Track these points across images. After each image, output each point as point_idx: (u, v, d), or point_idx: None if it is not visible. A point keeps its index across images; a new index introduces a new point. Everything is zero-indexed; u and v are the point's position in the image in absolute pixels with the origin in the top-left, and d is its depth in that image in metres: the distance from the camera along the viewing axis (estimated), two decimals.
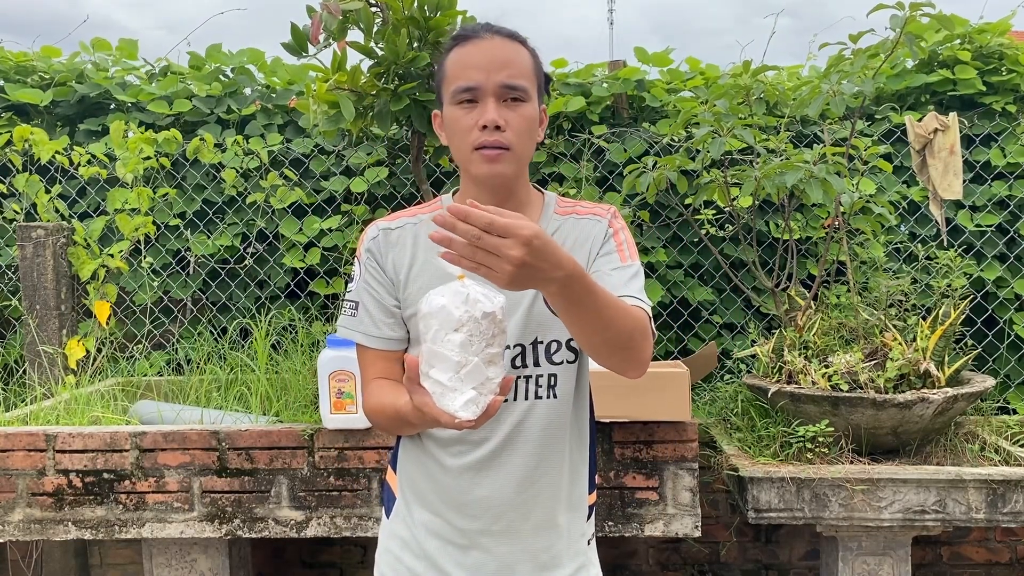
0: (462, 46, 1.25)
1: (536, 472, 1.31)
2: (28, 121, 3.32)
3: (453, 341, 1.01)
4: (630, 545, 3.06)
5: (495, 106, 1.22)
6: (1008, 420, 2.68)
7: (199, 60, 3.44)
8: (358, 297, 1.32)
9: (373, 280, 1.31)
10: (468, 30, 1.27)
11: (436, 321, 1.02)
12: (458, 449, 1.30)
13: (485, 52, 1.23)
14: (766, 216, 3.09)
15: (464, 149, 1.25)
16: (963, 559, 3.02)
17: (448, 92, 1.25)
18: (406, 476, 1.37)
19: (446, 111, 1.27)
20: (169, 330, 3.26)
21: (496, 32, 1.26)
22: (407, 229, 1.32)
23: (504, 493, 1.30)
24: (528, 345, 1.29)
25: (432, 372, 1.03)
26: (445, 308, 1.01)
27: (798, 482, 2.19)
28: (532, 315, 1.29)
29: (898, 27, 2.34)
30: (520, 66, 1.24)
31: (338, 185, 3.17)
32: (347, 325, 1.34)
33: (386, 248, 1.31)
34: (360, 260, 1.33)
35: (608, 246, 1.32)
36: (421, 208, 1.37)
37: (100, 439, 2.29)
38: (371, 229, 1.34)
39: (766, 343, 2.58)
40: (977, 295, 3.00)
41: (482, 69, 1.22)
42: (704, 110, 2.62)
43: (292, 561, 3.13)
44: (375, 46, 2.50)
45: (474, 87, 1.22)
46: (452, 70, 1.25)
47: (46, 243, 2.99)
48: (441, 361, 1.02)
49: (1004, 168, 3.04)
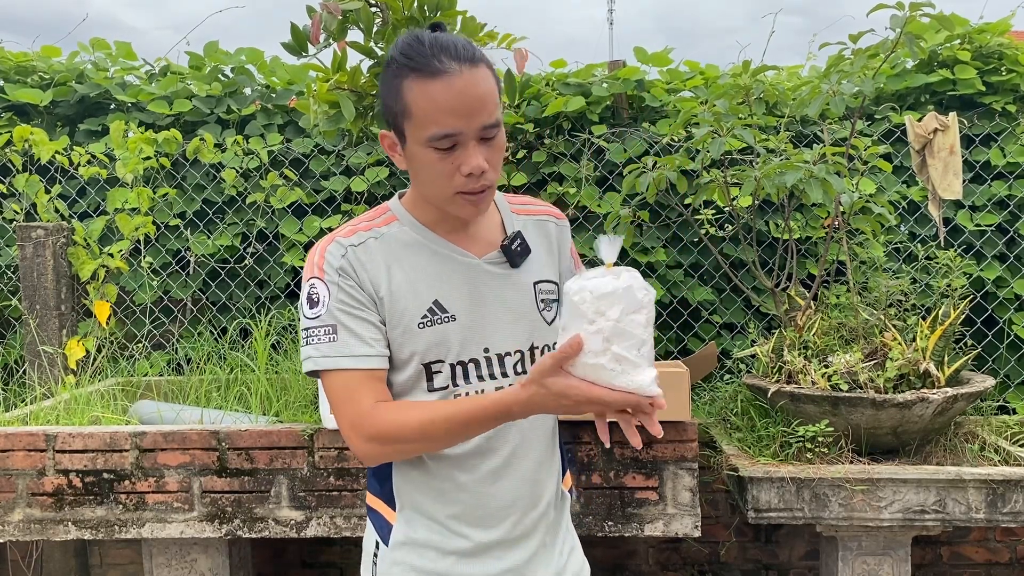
0: (428, 82, 1.12)
1: (540, 470, 1.32)
2: (28, 121, 3.32)
3: (637, 321, 1.06)
4: (630, 545, 3.06)
5: (477, 150, 1.15)
6: (1008, 420, 2.68)
7: (199, 60, 3.44)
8: (332, 320, 1.20)
9: (350, 299, 1.20)
10: (424, 57, 1.13)
11: (621, 301, 1.06)
12: (472, 463, 1.26)
13: (460, 94, 1.12)
14: (766, 216, 3.09)
15: (442, 192, 1.19)
16: (963, 559, 3.02)
17: (417, 134, 1.15)
18: (407, 500, 1.29)
19: (415, 150, 1.17)
20: (169, 330, 3.26)
21: (462, 60, 1.13)
22: (371, 245, 1.23)
23: (521, 497, 1.29)
24: (526, 351, 1.29)
25: (615, 348, 1.05)
26: (631, 289, 1.06)
27: (798, 482, 2.19)
28: (531, 322, 1.30)
29: (898, 27, 2.34)
30: (493, 97, 1.15)
31: (338, 185, 3.17)
32: (327, 353, 1.20)
33: (358, 265, 1.22)
34: (324, 280, 1.21)
35: (572, 259, 1.41)
36: (370, 219, 1.27)
37: (100, 439, 2.29)
38: (332, 247, 1.22)
39: (766, 343, 2.58)
40: (977, 295, 3.00)
41: (460, 115, 1.12)
42: (704, 110, 2.62)
43: (292, 561, 3.13)
44: (375, 46, 2.50)
45: (453, 134, 1.13)
46: (422, 111, 1.13)
47: (46, 243, 2.99)
48: (627, 339, 1.06)
49: (1004, 168, 3.04)
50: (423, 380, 1.24)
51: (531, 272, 1.31)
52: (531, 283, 1.31)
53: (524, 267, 1.31)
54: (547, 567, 1.33)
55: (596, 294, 1.06)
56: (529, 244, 1.32)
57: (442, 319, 1.23)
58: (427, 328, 1.22)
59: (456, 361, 1.24)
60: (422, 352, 1.22)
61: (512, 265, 1.29)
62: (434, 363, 1.23)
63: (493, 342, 1.26)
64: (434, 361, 1.23)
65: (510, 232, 1.32)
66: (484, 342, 1.25)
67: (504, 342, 1.27)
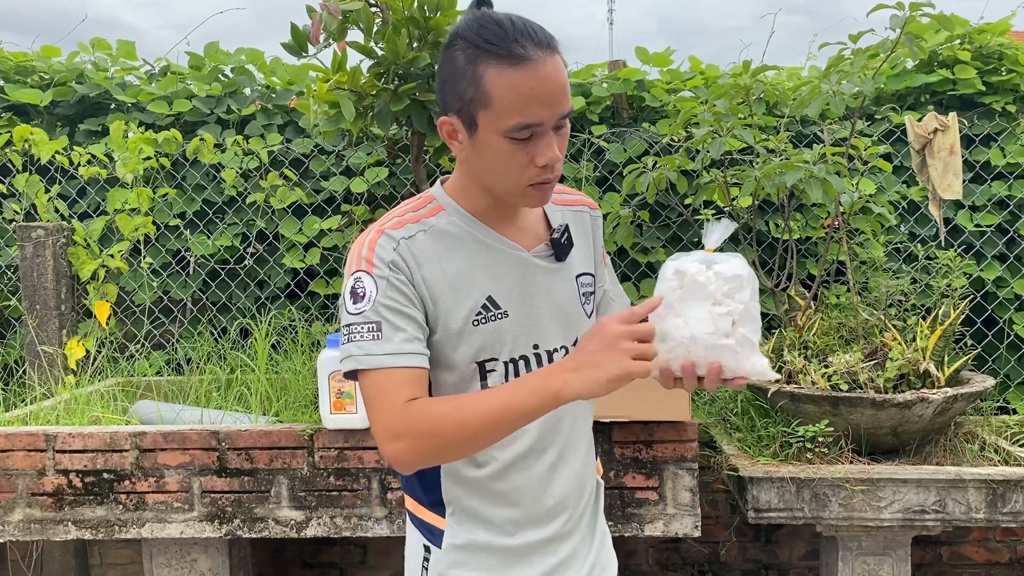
0: (513, 69, 1.06)
1: (586, 462, 1.33)
2: (28, 121, 3.32)
3: (757, 306, 1.09)
4: (630, 545, 3.05)
5: (553, 140, 1.11)
6: (1008, 420, 2.68)
7: (199, 60, 3.44)
8: (377, 316, 1.12)
9: (400, 295, 1.14)
10: (506, 42, 1.07)
11: (750, 284, 1.07)
12: (527, 463, 1.23)
13: (547, 82, 1.08)
14: (766, 216, 3.09)
15: (516, 184, 1.14)
16: (963, 559, 3.02)
17: (496, 124, 1.09)
18: (459, 506, 1.25)
19: (490, 140, 1.11)
20: (169, 330, 3.26)
21: (543, 46, 1.08)
22: (420, 239, 1.17)
23: (572, 492, 1.29)
24: (571, 347, 1.26)
25: (742, 330, 1.06)
26: (752, 275, 1.08)
27: (798, 482, 2.19)
28: (575, 316, 1.27)
29: (898, 27, 2.34)
30: (568, 85, 1.12)
31: (338, 185, 3.17)
32: (371, 351, 1.12)
33: (411, 260, 1.15)
34: (373, 274, 1.14)
35: (602, 247, 1.39)
36: (415, 210, 1.22)
37: (100, 439, 2.29)
38: (383, 239, 1.16)
39: (766, 343, 2.58)
40: (977, 295, 3.00)
41: (547, 104, 1.08)
42: (704, 110, 2.62)
43: (292, 561, 3.12)
44: (375, 46, 2.50)
45: (536, 124, 1.09)
46: (505, 100, 1.07)
47: (46, 243, 2.99)
48: (752, 322, 1.07)
49: (1004, 168, 3.04)
50: (476, 380, 1.19)
51: (574, 265, 1.29)
52: (574, 276, 1.28)
53: (568, 260, 1.28)
54: (586, 559, 1.33)
55: (726, 276, 1.06)
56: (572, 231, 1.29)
57: (496, 315, 1.19)
58: (482, 325, 1.18)
59: (509, 359, 1.20)
60: (476, 350, 1.18)
61: (557, 258, 1.26)
62: (488, 361, 1.19)
63: (543, 338, 1.23)
64: (488, 359, 1.19)
65: (554, 223, 1.28)
66: (534, 338, 1.22)
67: (553, 338, 1.24)
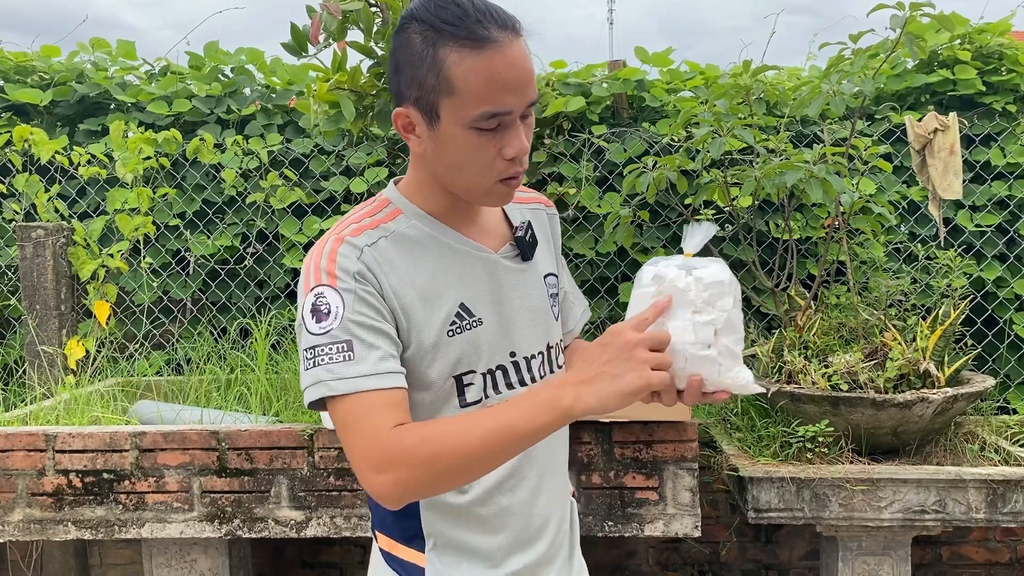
0: (477, 53, 0.97)
1: (565, 479, 1.27)
2: (28, 121, 3.32)
3: (737, 312, 1.00)
4: (630, 545, 3.05)
5: (521, 130, 1.03)
6: (1008, 420, 2.68)
7: (198, 60, 3.44)
8: (347, 334, 1.00)
9: (370, 309, 1.02)
10: (467, 23, 0.98)
11: (732, 291, 0.99)
12: (511, 484, 1.15)
13: (514, 66, 0.99)
14: (766, 216, 3.09)
15: (482, 180, 1.05)
16: (963, 559, 3.02)
17: (461, 113, 1.00)
18: (442, 538, 1.14)
19: (453, 132, 1.01)
20: (169, 330, 3.26)
21: (507, 28, 1.00)
22: (383, 246, 1.07)
23: (555, 510, 1.22)
24: (545, 351, 1.19)
25: (724, 341, 0.98)
26: (734, 279, 1.00)
27: (798, 482, 2.19)
28: (547, 318, 1.20)
29: (898, 27, 2.34)
30: (534, 71, 1.03)
31: (338, 185, 3.17)
32: (343, 374, 1.00)
33: (377, 269, 1.05)
34: (337, 288, 1.02)
35: (559, 247, 1.32)
36: (372, 215, 1.11)
37: (100, 439, 2.29)
38: (344, 248, 1.04)
39: (766, 343, 2.58)
40: (977, 295, 3.00)
41: (516, 91, 1.00)
42: (704, 110, 2.62)
43: (292, 561, 3.12)
44: (375, 46, 2.50)
45: (504, 113, 1.00)
46: (470, 87, 0.98)
47: (46, 243, 2.99)
48: (735, 332, 0.99)
49: (1004, 168, 3.04)
50: (453, 396, 1.10)
51: (540, 265, 1.22)
52: (542, 276, 1.21)
53: (534, 259, 1.20)
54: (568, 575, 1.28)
55: (707, 282, 0.98)
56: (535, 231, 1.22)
57: (471, 324, 1.10)
58: (457, 336, 1.08)
59: (487, 370, 1.12)
60: (453, 363, 1.09)
61: (524, 258, 1.18)
62: (466, 374, 1.10)
63: (519, 345, 1.15)
64: (466, 372, 1.10)
65: (515, 222, 1.20)
66: (511, 345, 1.14)
67: (529, 344, 1.16)
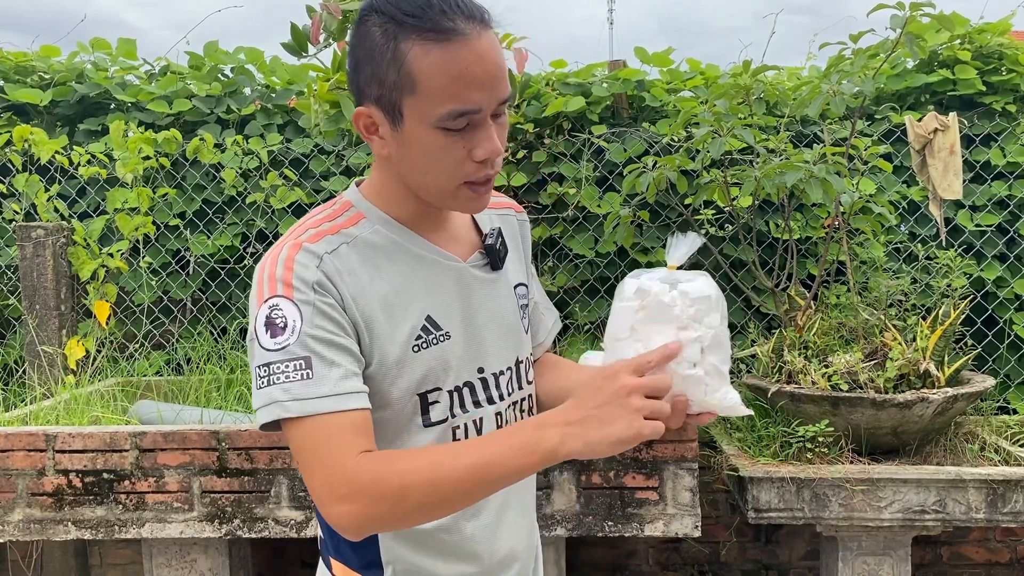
0: (442, 46, 0.90)
1: (529, 507, 1.20)
2: (28, 121, 3.32)
3: (724, 329, 0.95)
4: (630, 545, 3.05)
5: (493, 130, 0.96)
6: (1008, 420, 2.68)
7: (198, 59, 3.44)
8: (305, 350, 0.92)
9: (329, 322, 0.95)
10: (431, 14, 0.91)
11: (719, 307, 0.94)
12: (475, 508, 1.08)
13: (483, 60, 0.92)
14: (766, 216, 3.09)
15: (447, 183, 0.98)
16: (963, 559, 3.02)
17: (426, 112, 0.93)
18: (403, 565, 1.08)
19: (417, 133, 0.95)
20: (169, 330, 3.26)
21: (475, 20, 0.92)
22: (344, 253, 0.99)
23: (523, 536, 1.16)
24: (514, 366, 1.12)
25: (711, 359, 0.93)
26: (720, 295, 0.96)
27: (798, 482, 2.19)
28: (517, 332, 1.14)
29: (898, 27, 2.34)
30: (506, 66, 0.96)
31: (338, 185, 3.17)
32: (300, 394, 0.91)
33: (338, 279, 0.97)
34: (294, 299, 0.94)
35: (529, 255, 1.25)
36: (331, 219, 1.04)
37: (100, 439, 2.29)
38: (302, 256, 0.96)
39: (766, 343, 2.58)
40: (977, 295, 3.00)
41: (484, 88, 0.92)
42: (704, 110, 2.62)
43: (292, 561, 3.12)
44: None
45: (473, 111, 0.93)
46: (435, 84, 0.91)
47: (46, 243, 2.99)
48: (722, 350, 0.94)
49: (1004, 168, 3.04)
50: (417, 415, 1.03)
51: (510, 275, 1.15)
52: (512, 287, 1.14)
53: (504, 269, 1.13)
54: None
55: (693, 296, 0.92)
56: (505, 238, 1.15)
57: (438, 338, 1.02)
58: (423, 351, 1.01)
59: (453, 387, 1.05)
60: (418, 380, 1.01)
61: (493, 267, 1.11)
62: (431, 391, 1.03)
63: (487, 360, 1.08)
64: (431, 390, 1.03)
65: (484, 229, 1.13)
66: (479, 361, 1.07)
67: (497, 358, 1.09)
